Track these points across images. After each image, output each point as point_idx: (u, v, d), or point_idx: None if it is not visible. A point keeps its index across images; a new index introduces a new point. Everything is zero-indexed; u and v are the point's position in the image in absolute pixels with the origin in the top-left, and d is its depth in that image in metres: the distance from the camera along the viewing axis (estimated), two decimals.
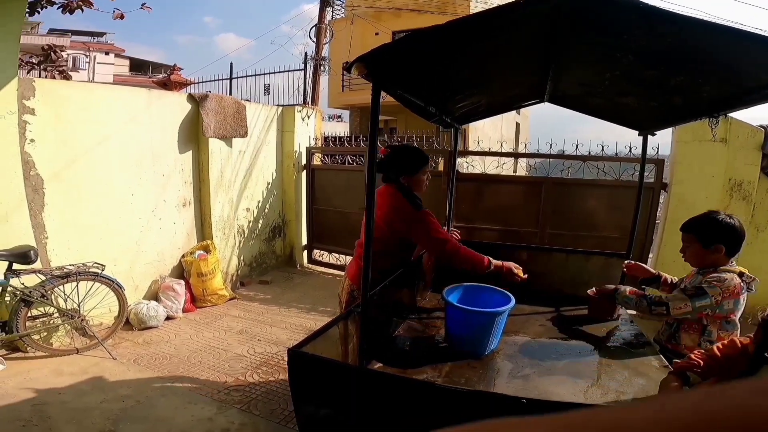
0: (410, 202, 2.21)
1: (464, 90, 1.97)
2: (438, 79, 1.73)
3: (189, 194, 4.70)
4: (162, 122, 4.34)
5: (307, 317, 4.47)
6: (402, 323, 2.13)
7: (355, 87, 13.40)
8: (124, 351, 3.65)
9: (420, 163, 2.29)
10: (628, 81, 1.72)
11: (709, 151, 4.05)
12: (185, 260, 4.57)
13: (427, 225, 2.19)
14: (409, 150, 2.38)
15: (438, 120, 2.34)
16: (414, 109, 1.93)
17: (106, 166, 3.91)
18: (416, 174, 2.29)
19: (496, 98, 2.33)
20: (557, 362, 1.77)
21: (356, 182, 5.56)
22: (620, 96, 1.96)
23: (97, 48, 24.77)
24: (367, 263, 1.38)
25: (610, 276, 2.50)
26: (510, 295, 1.86)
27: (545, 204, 4.59)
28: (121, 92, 4.24)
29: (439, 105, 2.07)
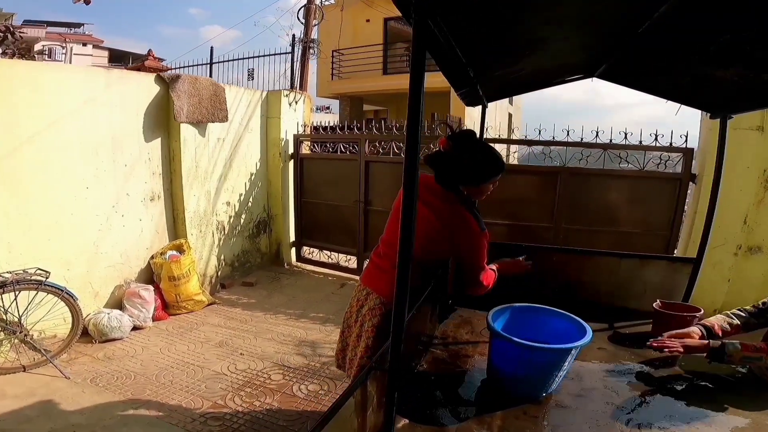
0: (477, 220, 1.70)
1: (516, 50, 1.47)
2: (492, 30, 1.23)
3: (158, 187, 4.13)
4: (124, 106, 3.76)
5: (296, 325, 3.96)
6: (425, 354, 1.63)
7: (344, 75, 12.85)
8: (80, 368, 3.13)
9: (495, 172, 1.72)
10: (727, 52, 1.27)
11: (744, 140, 3.66)
12: (154, 262, 4.00)
13: (481, 256, 1.75)
14: (484, 153, 1.72)
15: (468, 92, 1.84)
16: (450, 69, 1.43)
17: (56, 155, 3.33)
18: (483, 185, 1.74)
19: (542, 67, 1.83)
20: (652, 408, 1.31)
21: (350, 173, 5.07)
22: (704, 71, 1.51)
23: (73, 39, 23.96)
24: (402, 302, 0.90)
25: (672, 286, 2.05)
26: (581, 321, 1.37)
27: (561, 196, 4.15)
28: (75, 72, 3.68)
29: (480, 69, 1.56)
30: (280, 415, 2.69)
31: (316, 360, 3.33)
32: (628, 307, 2.14)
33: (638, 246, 3.99)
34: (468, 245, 1.71)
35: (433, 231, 1.69)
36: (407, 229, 0.87)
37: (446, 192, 1.71)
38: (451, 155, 1.67)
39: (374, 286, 1.81)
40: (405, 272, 0.89)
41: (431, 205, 1.70)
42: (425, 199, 1.73)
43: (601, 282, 2.17)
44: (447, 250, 1.77)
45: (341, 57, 12.57)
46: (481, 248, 1.73)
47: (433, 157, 1.73)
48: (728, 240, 3.77)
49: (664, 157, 3.94)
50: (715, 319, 1.66)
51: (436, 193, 1.71)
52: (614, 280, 2.15)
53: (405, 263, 0.88)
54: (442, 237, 1.71)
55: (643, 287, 2.10)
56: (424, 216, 1.70)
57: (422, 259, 1.75)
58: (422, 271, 1.75)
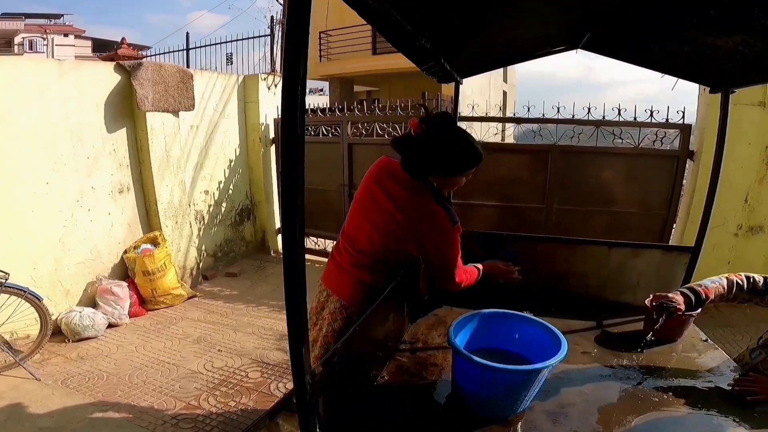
0: (447, 213, 1.49)
1: (476, 15, 1.25)
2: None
3: (126, 179, 3.92)
4: (82, 97, 3.52)
5: (278, 317, 3.81)
6: (387, 363, 1.46)
7: (333, 57, 12.51)
8: (52, 369, 3.01)
9: (471, 164, 1.49)
10: (730, 17, 1.06)
11: (745, 117, 3.48)
12: (128, 257, 3.82)
13: (454, 253, 1.53)
14: (461, 141, 1.48)
15: (435, 67, 1.62)
16: (399, 41, 1.22)
17: (7, 150, 3.10)
18: (458, 176, 1.53)
19: (518, 37, 1.61)
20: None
21: (333, 156, 4.86)
22: (703, 39, 1.30)
23: (54, 30, 23.46)
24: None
25: (668, 276, 1.87)
26: (556, 332, 1.18)
27: (552, 175, 3.95)
28: (22, 62, 3.52)
29: (439, 41, 1.34)
30: (255, 416, 2.56)
31: None
32: (620, 300, 1.96)
33: (634, 226, 3.83)
34: (437, 242, 1.50)
35: (395, 226, 1.49)
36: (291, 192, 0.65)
37: (412, 181, 1.49)
38: (423, 140, 1.45)
39: (334, 287, 1.62)
40: (293, 255, 0.68)
41: (393, 195, 1.50)
42: (387, 188, 1.51)
43: (590, 273, 1.99)
44: (414, 249, 1.56)
45: (329, 38, 12.22)
46: (453, 245, 1.52)
47: (401, 140, 1.51)
48: (728, 220, 3.60)
49: (660, 134, 3.76)
50: (715, 286, 1.46)
51: (401, 182, 1.50)
52: (604, 272, 1.96)
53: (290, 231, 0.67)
54: (407, 233, 1.50)
55: (636, 278, 1.92)
56: (386, 209, 1.50)
57: (386, 258, 1.56)
58: (388, 271, 1.56)
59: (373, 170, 1.59)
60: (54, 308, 3.35)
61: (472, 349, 1.29)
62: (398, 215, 1.48)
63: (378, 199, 1.52)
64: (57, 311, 3.40)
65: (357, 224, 1.59)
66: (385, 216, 1.50)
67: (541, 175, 3.98)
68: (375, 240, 1.53)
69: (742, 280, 1.46)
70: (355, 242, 1.58)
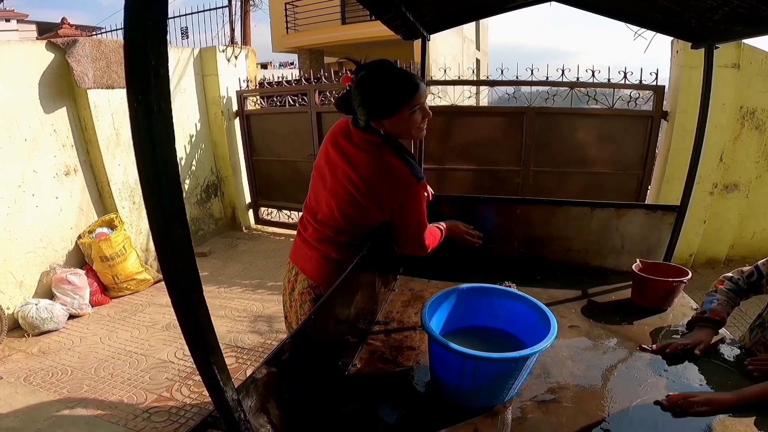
0: (409, 167, 1.33)
1: None
2: None
3: (72, 160, 3.61)
4: (12, 78, 3.17)
5: (252, 297, 3.68)
6: (360, 347, 1.34)
7: (301, 28, 11.95)
8: (13, 366, 2.84)
9: (406, 91, 1.29)
10: None
11: (720, 78, 3.46)
12: (82, 242, 3.57)
13: (419, 211, 1.39)
14: (382, 73, 1.31)
15: (396, 19, 1.43)
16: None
17: None
18: (399, 113, 1.30)
19: None
20: (640, 415, 1.02)
21: (301, 126, 4.64)
22: None
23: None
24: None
25: (654, 237, 1.78)
26: (543, 308, 1.06)
27: (528, 138, 3.85)
28: None
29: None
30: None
31: (272, 337, 3.07)
32: (604, 266, 1.88)
33: (610, 187, 3.83)
34: (399, 201, 1.34)
35: (353, 190, 1.33)
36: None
37: (367, 136, 1.33)
38: (358, 88, 1.30)
39: (301, 264, 1.48)
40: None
41: (348, 155, 1.34)
42: (343, 148, 1.36)
43: (572, 237, 1.89)
44: (375, 213, 1.38)
45: (295, 9, 11.64)
46: (419, 203, 1.37)
47: (342, 98, 1.36)
48: (703, 178, 3.61)
49: (634, 95, 3.72)
50: (719, 305, 1.34)
51: (357, 142, 1.34)
52: (586, 235, 1.86)
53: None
54: (366, 197, 1.33)
55: (620, 241, 1.83)
56: (343, 171, 1.34)
57: (351, 229, 1.41)
58: (356, 243, 1.41)
59: (330, 133, 1.44)
60: (8, 302, 3.16)
61: (451, 330, 1.18)
62: (354, 176, 1.32)
63: (334, 163, 1.38)
64: (12, 305, 3.19)
65: (317, 194, 1.45)
66: (342, 181, 1.35)
67: (517, 138, 3.89)
68: (335, 209, 1.38)
69: (728, 286, 1.39)
70: (317, 213, 1.44)
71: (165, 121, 0.43)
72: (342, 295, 1.19)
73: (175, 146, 0.45)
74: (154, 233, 0.47)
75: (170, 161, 0.44)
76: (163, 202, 0.45)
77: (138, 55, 0.40)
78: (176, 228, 0.47)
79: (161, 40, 0.40)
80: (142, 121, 0.42)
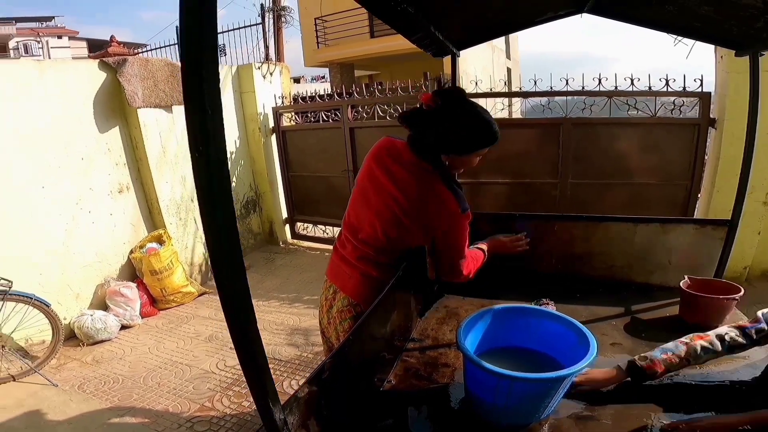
0: (456, 198, 1.35)
1: None
2: None
3: (125, 178, 3.85)
4: (67, 96, 3.40)
5: (289, 311, 3.76)
6: (395, 363, 1.36)
7: (331, 42, 12.23)
8: (69, 374, 3.01)
9: (488, 140, 1.34)
10: None
11: (766, 81, 3.23)
12: (134, 257, 3.78)
13: (461, 242, 1.42)
14: (476, 115, 1.32)
15: (426, 38, 1.47)
16: (379, 9, 1.08)
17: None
18: (470, 155, 1.38)
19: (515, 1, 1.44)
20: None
21: (335, 141, 4.74)
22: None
23: (47, 33, 23.44)
24: None
25: (704, 253, 1.69)
26: (581, 327, 1.04)
27: (565, 149, 3.77)
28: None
29: (424, 6, 1.19)
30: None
31: (308, 350, 3.13)
32: (650, 282, 1.80)
33: (656, 198, 3.67)
34: (444, 230, 1.38)
35: (399, 212, 1.36)
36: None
37: (420, 161, 1.35)
38: (436, 115, 1.31)
39: (340, 282, 1.50)
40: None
41: (396, 177, 1.36)
42: (389, 169, 1.37)
43: (614, 253, 1.83)
44: (419, 237, 1.42)
45: (325, 24, 11.93)
46: (461, 233, 1.40)
47: (411, 114, 1.36)
48: (756, 188, 3.40)
49: (678, 102, 3.56)
50: (662, 351, 1.15)
51: (406, 164, 1.36)
52: (631, 250, 1.79)
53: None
54: (411, 220, 1.36)
55: (666, 257, 1.76)
56: (388, 193, 1.36)
57: (392, 249, 1.43)
58: (395, 262, 1.43)
59: (374, 151, 1.45)
60: (65, 312, 3.36)
61: (486, 350, 1.18)
62: (401, 199, 1.35)
63: (380, 183, 1.39)
64: (69, 315, 3.39)
65: (358, 212, 1.47)
66: (387, 201, 1.37)
67: (553, 150, 3.81)
68: (378, 229, 1.40)
69: (709, 342, 1.14)
70: (358, 232, 1.45)
71: (218, 134, 0.49)
72: (380, 313, 1.21)
73: (226, 155, 0.50)
74: (210, 249, 0.56)
75: (223, 174, 0.51)
76: (216, 216, 0.51)
77: (194, 74, 0.45)
78: (229, 244, 0.52)
79: (214, 59, 0.46)
80: (199, 135, 0.46)
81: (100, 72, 3.63)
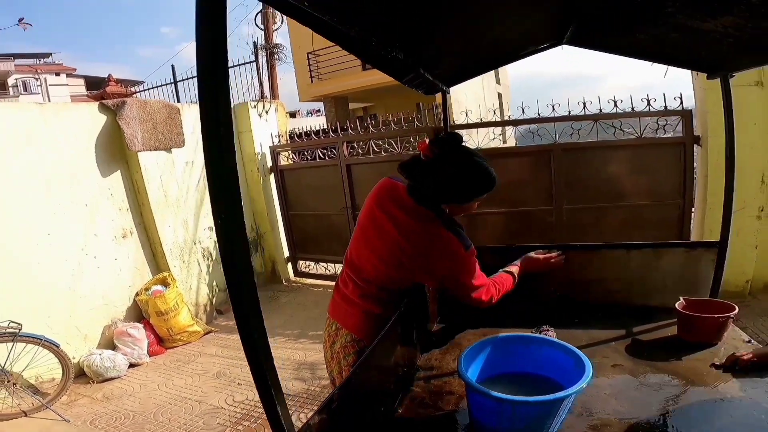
0: (459, 239, 1.39)
1: (449, 22, 1.21)
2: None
3: (128, 223, 3.92)
4: (70, 141, 3.50)
5: (295, 347, 3.77)
6: (401, 393, 1.39)
7: (324, 76, 12.54)
8: (80, 410, 3.07)
9: (485, 189, 1.39)
10: (721, 0, 1.00)
11: (745, 98, 3.40)
12: (140, 299, 3.83)
13: (471, 276, 1.45)
14: (474, 166, 1.37)
15: (416, 79, 1.57)
16: (369, 55, 1.18)
17: (2, 204, 3.12)
18: (468, 203, 1.45)
19: (499, 39, 1.56)
20: None
21: (332, 178, 4.81)
22: (689, 23, 1.24)
23: (45, 69, 23.88)
24: None
25: (700, 273, 1.75)
26: (578, 353, 1.10)
27: (557, 175, 3.86)
28: (2, 111, 3.31)
29: (413, 50, 1.30)
30: None
31: (315, 384, 3.13)
32: (649, 304, 1.82)
33: (650, 218, 3.73)
34: (451, 271, 1.42)
35: (401, 256, 1.40)
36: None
37: (419, 208, 1.39)
38: (433, 166, 1.35)
39: (342, 320, 1.53)
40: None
41: (398, 222, 1.40)
42: (391, 214, 1.41)
43: (611, 278, 1.87)
44: (424, 279, 1.48)
45: (317, 58, 12.21)
46: (469, 269, 1.43)
47: (410, 164, 1.39)
48: (747, 203, 3.48)
49: (661, 122, 3.65)
50: None
51: (407, 208, 1.40)
52: (627, 275, 1.84)
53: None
54: (414, 263, 1.41)
55: (662, 280, 1.80)
56: (391, 237, 1.41)
57: (394, 288, 1.48)
58: (397, 299, 1.47)
59: (375, 193, 1.50)
60: (74, 352, 3.42)
61: (488, 377, 1.22)
62: (404, 244, 1.39)
63: (382, 227, 1.43)
64: (78, 355, 3.45)
65: (360, 252, 1.50)
66: (390, 245, 1.41)
67: (546, 176, 3.89)
68: (381, 270, 1.44)
69: None
70: (361, 272, 1.49)
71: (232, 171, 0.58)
72: (384, 347, 1.26)
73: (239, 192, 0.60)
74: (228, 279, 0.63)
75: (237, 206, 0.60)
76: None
77: (211, 114, 0.56)
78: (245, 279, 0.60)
79: (227, 99, 0.56)
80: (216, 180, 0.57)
81: (101, 115, 3.71)
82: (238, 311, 0.65)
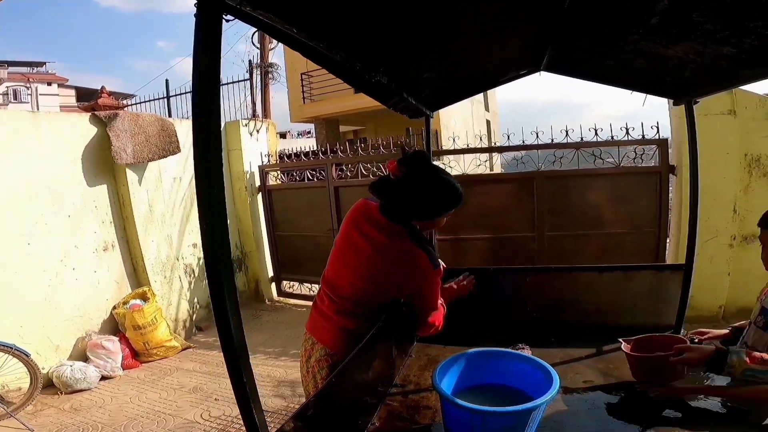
0: (428, 256, 1.45)
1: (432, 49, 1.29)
2: (388, 25, 1.04)
3: (110, 236, 3.87)
4: (58, 151, 3.49)
5: (276, 364, 3.72)
6: (378, 407, 1.40)
7: (317, 98, 12.67)
8: (45, 420, 2.99)
9: (452, 204, 1.45)
10: (672, 24, 1.10)
11: (718, 126, 3.53)
12: (117, 312, 3.76)
13: (434, 297, 1.51)
14: (440, 183, 1.44)
15: (400, 103, 1.64)
16: (353, 79, 1.24)
17: None
18: (437, 218, 1.51)
19: (479, 65, 1.65)
20: None
21: (320, 200, 4.83)
22: (652, 49, 1.33)
23: (37, 79, 23.70)
24: None
25: (668, 295, 1.82)
26: (547, 366, 1.14)
27: (540, 202, 3.95)
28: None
29: (396, 75, 1.37)
30: None
31: (295, 401, 3.09)
32: (620, 324, 1.89)
33: (628, 246, 3.82)
34: (419, 287, 1.48)
35: (375, 272, 1.46)
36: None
37: (392, 225, 1.45)
38: (401, 183, 1.41)
39: (318, 335, 1.56)
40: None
41: (372, 239, 1.45)
42: (365, 232, 1.47)
43: (584, 300, 1.94)
44: (393, 293, 1.52)
45: (311, 79, 12.30)
46: (434, 289, 1.50)
47: (380, 184, 1.47)
48: (720, 231, 3.60)
49: (639, 150, 3.80)
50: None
51: (380, 226, 1.46)
52: (598, 297, 1.92)
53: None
54: (386, 278, 1.46)
55: (632, 301, 1.87)
56: (365, 254, 1.46)
57: (369, 303, 1.51)
58: (372, 315, 1.49)
59: (351, 214, 1.57)
60: (44, 362, 3.33)
61: (462, 388, 1.25)
62: (377, 260, 1.45)
63: (356, 245, 1.49)
64: (48, 365, 3.36)
65: (337, 270, 1.56)
66: (364, 261, 1.47)
67: (529, 203, 3.97)
68: (357, 286, 1.49)
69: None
70: (337, 289, 1.54)
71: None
72: (359, 361, 1.28)
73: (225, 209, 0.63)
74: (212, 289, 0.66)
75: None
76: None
77: (203, 130, 0.61)
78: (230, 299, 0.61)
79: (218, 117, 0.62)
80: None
81: (91, 126, 3.70)
82: (221, 322, 0.68)
